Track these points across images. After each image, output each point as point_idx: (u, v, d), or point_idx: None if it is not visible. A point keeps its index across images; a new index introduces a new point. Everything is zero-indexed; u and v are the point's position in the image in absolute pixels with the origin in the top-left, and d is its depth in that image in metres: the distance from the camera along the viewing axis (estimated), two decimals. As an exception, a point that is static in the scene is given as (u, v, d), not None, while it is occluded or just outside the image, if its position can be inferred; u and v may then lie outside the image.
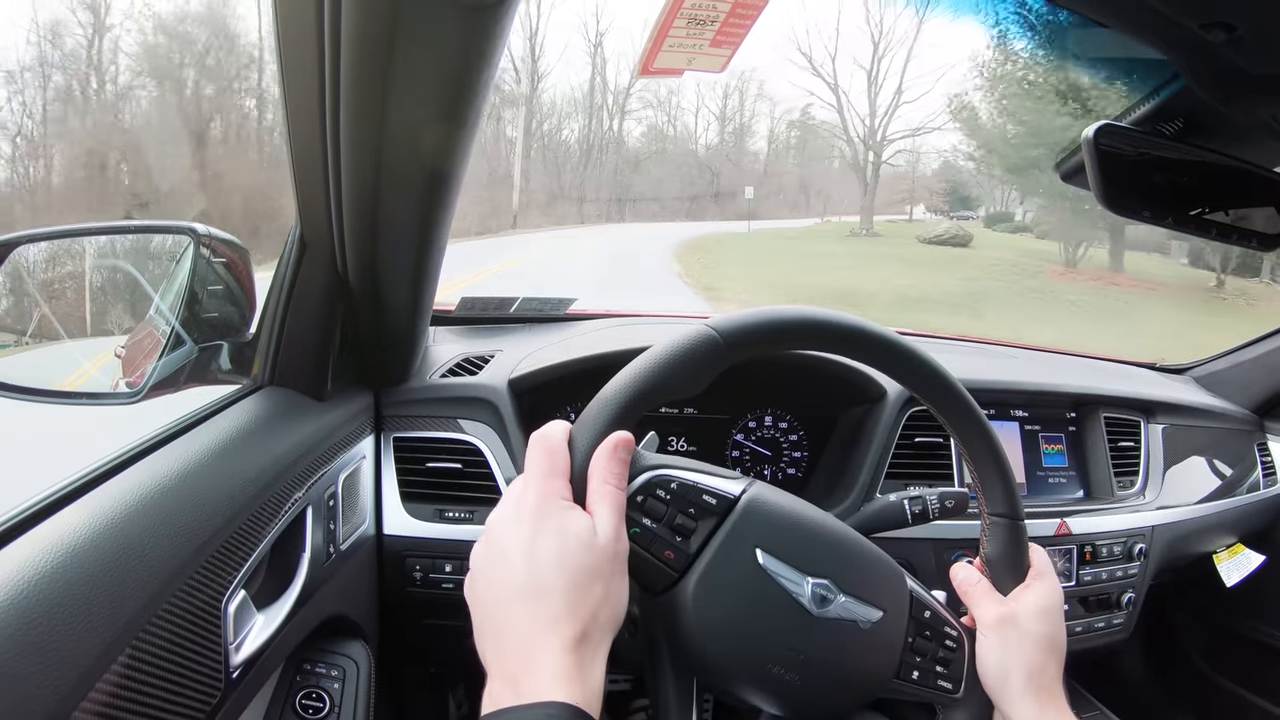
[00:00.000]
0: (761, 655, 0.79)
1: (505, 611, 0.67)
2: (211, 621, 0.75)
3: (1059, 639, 0.86)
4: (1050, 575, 0.90)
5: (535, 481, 0.71)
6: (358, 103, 0.83)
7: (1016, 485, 0.89)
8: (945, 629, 0.85)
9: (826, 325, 0.83)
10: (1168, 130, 0.87)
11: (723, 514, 0.79)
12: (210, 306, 1.01)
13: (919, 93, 45.47)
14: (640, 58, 0.79)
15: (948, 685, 0.85)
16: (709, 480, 0.80)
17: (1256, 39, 0.68)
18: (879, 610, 0.81)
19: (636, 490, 0.77)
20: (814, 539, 0.82)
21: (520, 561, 0.67)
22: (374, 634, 1.25)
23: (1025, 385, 1.67)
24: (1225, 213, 0.89)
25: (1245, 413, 1.98)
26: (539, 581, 0.66)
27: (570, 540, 0.67)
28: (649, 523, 0.77)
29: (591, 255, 20.01)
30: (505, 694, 0.62)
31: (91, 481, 0.76)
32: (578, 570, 0.67)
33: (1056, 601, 0.87)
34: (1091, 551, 1.54)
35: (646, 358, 0.78)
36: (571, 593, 0.66)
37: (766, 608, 0.78)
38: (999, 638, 0.84)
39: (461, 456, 1.33)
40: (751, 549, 0.78)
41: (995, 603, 0.87)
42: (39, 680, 0.56)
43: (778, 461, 1.63)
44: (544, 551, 0.67)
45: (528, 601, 0.66)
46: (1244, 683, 2.00)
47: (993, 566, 0.90)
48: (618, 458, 0.73)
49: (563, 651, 0.63)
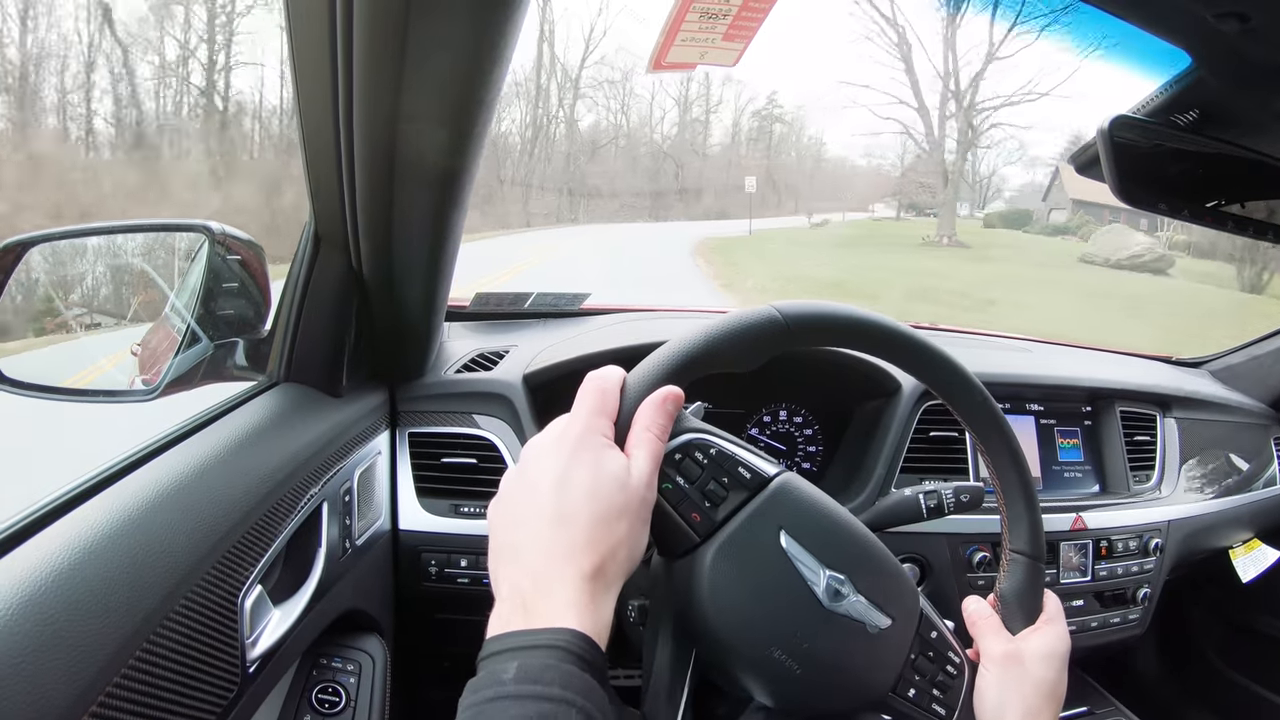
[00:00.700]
0: (767, 637, 0.78)
1: (527, 534, 0.67)
2: (228, 616, 0.76)
3: (1059, 688, 0.86)
4: (1061, 623, 0.89)
5: (581, 416, 0.72)
6: (371, 98, 0.83)
7: (1042, 526, 0.89)
8: (949, 654, 0.85)
9: (887, 333, 0.84)
10: (1182, 121, 0.86)
11: (755, 489, 0.79)
12: (225, 304, 1.02)
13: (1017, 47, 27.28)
14: (652, 52, 0.79)
15: (941, 711, 0.84)
16: (747, 455, 0.80)
17: (1270, 29, 0.67)
18: (888, 618, 0.81)
19: (676, 448, 0.77)
20: (838, 534, 0.82)
21: (550, 487, 0.68)
22: (390, 629, 1.25)
23: (1040, 379, 1.66)
24: (1241, 205, 0.89)
25: (1262, 407, 1.97)
26: (566, 509, 0.66)
27: (604, 475, 0.68)
28: (682, 481, 0.77)
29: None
30: (515, 617, 0.63)
31: (109, 478, 0.77)
32: (606, 505, 0.67)
33: (1063, 650, 0.87)
34: (1107, 546, 1.53)
35: (711, 324, 0.79)
36: (595, 525, 0.66)
37: (780, 590, 0.78)
38: (1001, 674, 0.84)
39: (476, 452, 1.34)
40: (776, 529, 0.78)
41: (1003, 639, 0.87)
42: (57, 674, 0.56)
43: (793, 455, 1.63)
44: (576, 481, 0.67)
45: (551, 527, 0.66)
46: (1260, 679, 1.98)
47: (1006, 603, 0.89)
48: (665, 410, 0.74)
49: (578, 580, 0.64)
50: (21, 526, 0.67)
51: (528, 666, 0.59)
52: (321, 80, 0.84)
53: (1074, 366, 1.79)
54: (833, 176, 36.41)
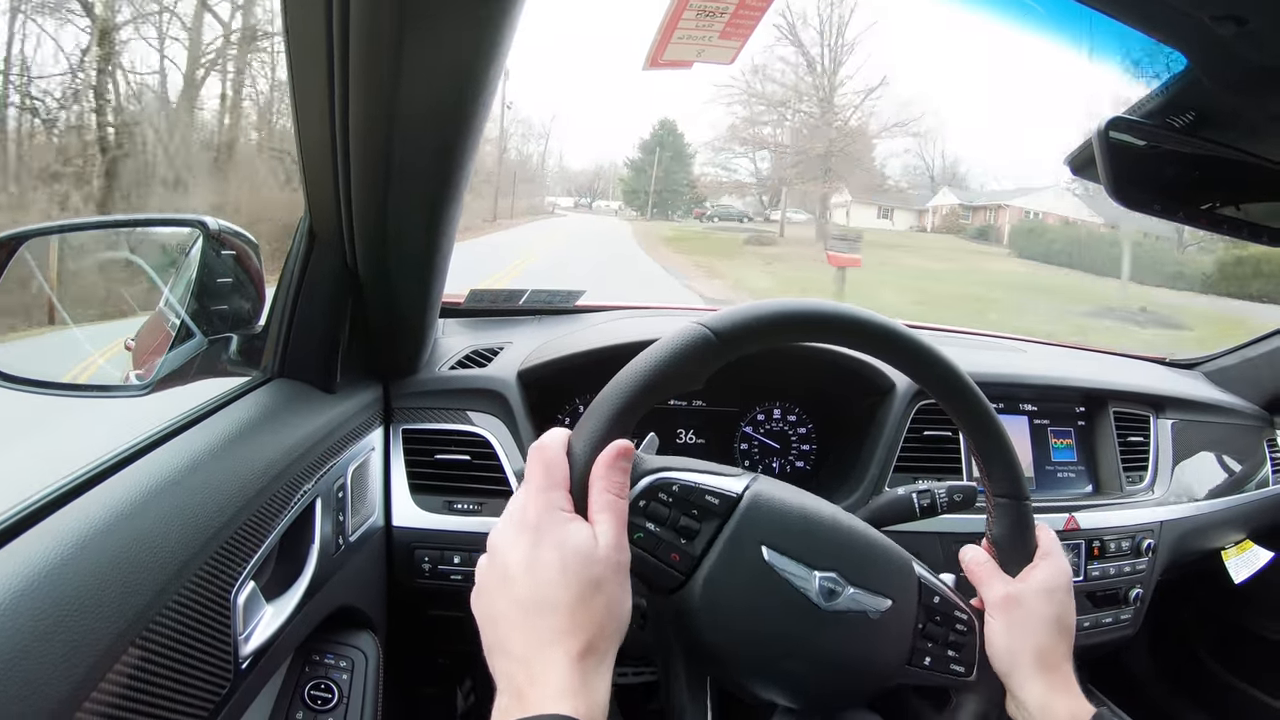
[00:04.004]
0: (773, 651, 0.79)
1: (510, 627, 0.67)
2: (221, 612, 0.76)
3: (1067, 619, 0.86)
4: (1058, 555, 0.90)
5: (534, 495, 0.70)
6: (367, 93, 0.83)
7: (1020, 465, 0.89)
8: (955, 613, 0.86)
9: (820, 316, 0.82)
10: (1178, 123, 0.86)
11: (726, 514, 0.79)
12: (220, 299, 1.02)
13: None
14: (649, 50, 0.79)
15: (960, 669, 0.85)
16: (711, 480, 0.80)
17: (1267, 32, 0.67)
18: (888, 599, 0.82)
19: (639, 495, 0.77)
20: (819, 532, 0.82)
21: (522, 577, 0.67)
22: (383, 625, 1.25)
23: (1034, 379, 1.67)
24: (1236, 207, 0.89)
25: (1255, 408, 1.97)
26: (541, 596, 0.66)
27: (571, 553, 0.67)
28: (653, 527, 0.77)
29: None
30: (512, 707, 0.63)
31: (102, 473, 0.77)
32: (580, 583, 0.66)
33: (1064, 581, 0.88)
34: (1100, 547, 1.54)
35: (639, 361, 0.77)
36: (574, 606, 0.66)
37: (775, 604, 0.78)
38: (1006, 619, 0.85)
39: (470, 448, 1.34)
40: (757, 546, 0.79)
41: (1002, 583, 0.87)
42: (50, 671, 0.56)
43: (786, 454, 1.63)
44: (545, 564, 0.67)
45: (531, 616, 0.66)
46: (1252, 680, 1.99)
47: (1000, 548, 0.90)
48: (618, 467, 0.72)
49: (567, 664, 0.63)
50: (14, 522, 0.67)
51: None
52: (317, 76, 0.84)
53: (1068, 367, 1.80)
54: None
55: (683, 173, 39.57)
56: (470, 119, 0.87)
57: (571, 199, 47.09)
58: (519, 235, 25.60)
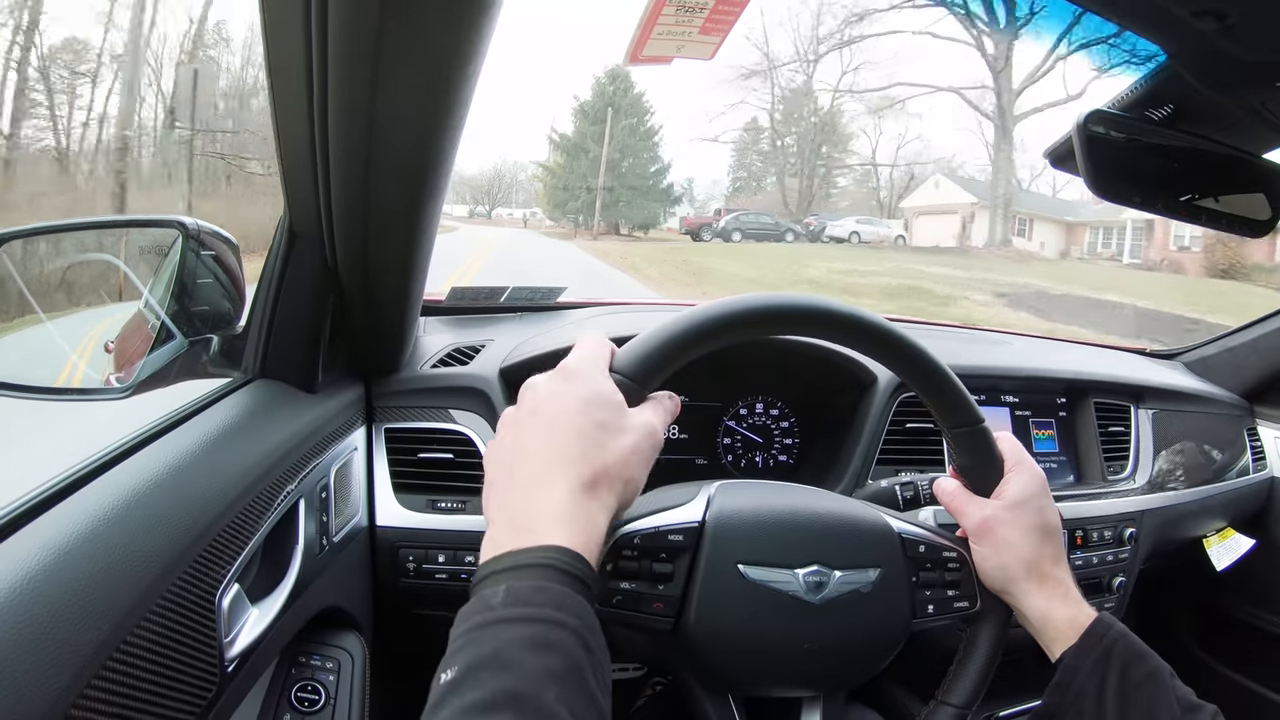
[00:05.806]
0: (778, 658, 0.81)
1: (520, 454, 0.66)
2: (206, 616, 0.75)
3: (1048, 522, 0.86)
4: (1025, 463, 0.89)
5: (581, 351, 0.74)
6: (346, 91, 0.82)
7: (965, 391, 0.88)
8: (944, 554, 0.86)
9: (712, 324, 0.79)
10: (1157, 116, 0.87)
11: (694, 545, 0.80)
12: (200, 300, 1.01)
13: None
14: (629, 46, 0.79)
15: (964, 605, 0.86)
16: (668, 517, 0.81)
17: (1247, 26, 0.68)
18: (875, 569, 0.82)
19: (604, 562, 0.77)
20: (792, 531, 0.82)
21: (544, 403, 0.68)
22: (369, 626, 1.25)
23: (1016, 370, 1.68)
24: (1215, 199, 0.90)
25: (1235, 398, 1.99)
26: (557, 421, 0.66)
27: (595, 393, 0.68)
28: (627, 585, 0.78)
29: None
30: (505, 538, 0.62)
31: (84, 478, 0.76)
32: (602, 419, 0.67)
33: (1036, 487, 0.87)
34: (1082, 536, 1.54)
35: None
36: (590, 435, 0.66)
37: (769, 615, 0.79)
38: (989, 541, 0.85)
39: (453, 447, 1.33)
40: (733, 566, 0.79)
41: (976, 508, 0.87)
42: (35, 677, 0.56)
43: (769, 448, 1.63)
44: (568, 394, 0.68)
45: (542, 441, 0.66)
46: (1235, 666, 2.01)
47: (968, 475, 0.90)
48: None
49: (568, 493, 0.63)
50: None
51: (517, 589, 0.58)
52: (296, 73, 0.83)
53: (1049, 359, 1.81)
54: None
55: (649, 154, 32.16)
56: (451, 115, 0.87)
57: (466, 207, 44.68)
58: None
